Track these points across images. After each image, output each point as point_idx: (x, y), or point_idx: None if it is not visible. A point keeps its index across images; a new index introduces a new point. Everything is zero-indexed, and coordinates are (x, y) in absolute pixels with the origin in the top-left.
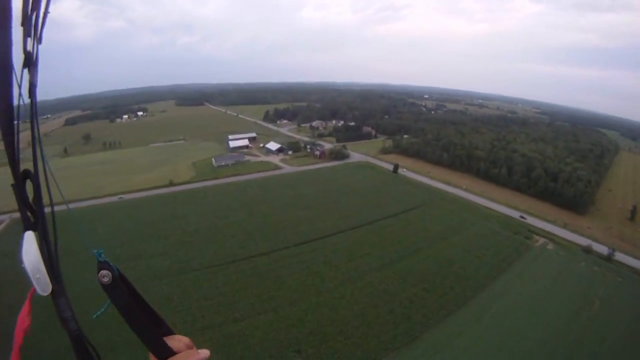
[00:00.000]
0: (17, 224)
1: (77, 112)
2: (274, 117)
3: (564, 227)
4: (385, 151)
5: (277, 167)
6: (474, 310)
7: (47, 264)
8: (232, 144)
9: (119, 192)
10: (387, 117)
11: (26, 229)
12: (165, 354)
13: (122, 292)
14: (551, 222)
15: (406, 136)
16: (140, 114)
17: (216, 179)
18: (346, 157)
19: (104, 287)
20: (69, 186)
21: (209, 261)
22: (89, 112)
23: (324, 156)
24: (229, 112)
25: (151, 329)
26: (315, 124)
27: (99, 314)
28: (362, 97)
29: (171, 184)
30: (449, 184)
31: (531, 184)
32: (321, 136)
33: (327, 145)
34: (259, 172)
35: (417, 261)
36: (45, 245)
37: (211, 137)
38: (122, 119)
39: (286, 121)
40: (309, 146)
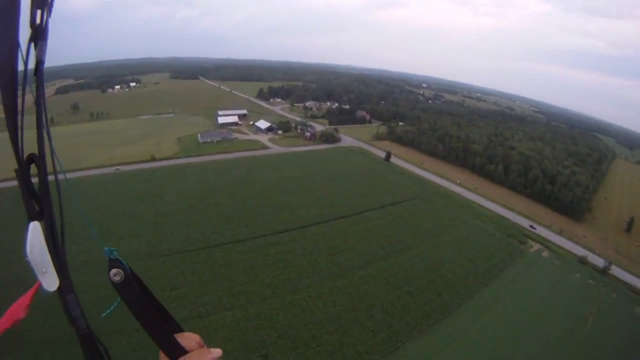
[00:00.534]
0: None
1: (70, 81)
2: (267, 95)
3: (560, 233)
4: (378, 137)
5: (264, 147)
6: (462, 320)
7: (55, 258)
8: (221, 120)
9: (100, 165)
10: (383, 102)
11: (31, 219)
12: (177, 353)
13: (134, 291)
14: (547, 226)
15: (401, 124)
16: (132, 85)
17: (200, 155)
18: (337, 140)
19: (116, 285)
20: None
21: (180, 246)
22: (82, 81)
23: (314, 138)
24: (222, 87)
25: (163, 328)
26: (308, 104)
27: (108, 312)
28: (359, 80)
29: (153, 159)
30: (442, 177)
31: (528, 185)
32: (314, 117)
33: (319, 127)
34: (245, 150)
35: (404, 260)
36: (52, 237)
37: (201, 112)
38: (113, 89)
39: (280, 100)
40: (299, 127)
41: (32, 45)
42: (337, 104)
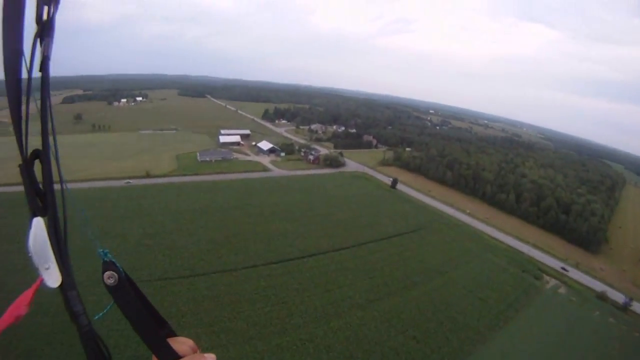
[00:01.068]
0: None
1: (78, 92)
2: (273, 116)
3: (576, 266)
4: (384, 163)
5: (265, 169)
6: None
7: (57, 254)
8: (223, 139)
9: (91, 179)
10: (390, 127)
11: (34, 214)
12: (170, 357)
13: (129, 294)
14: (562, 259)
15: (409, 149)
16: (139, 99)
17: (197, 175)
18: (341, 165)
19: (109, 288)
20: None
21: (162, 272)
22: (89, 92)
23: (317, 162)
24: (229, 106)
25: (157, 333)
26: (314, 127)
27: (101, 315)
28: (366, 105)
29: (147, 176)
30: (451, 206)
31: (540, 214)
32: (319, 140)
33: (323, 150)
34: (244, 172)
35: (409, 300)
36: (55, 233)
37: (203, 130)
38: (120, 102)
39: (285, 121)
40: (303, 149)
41: (38, 41)
42: (343, 128)
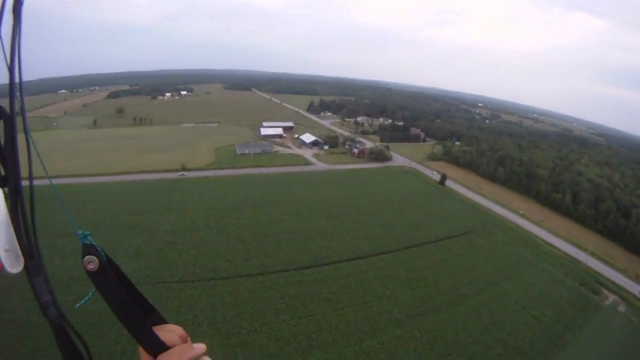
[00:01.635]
0: None
1: (125, 87)
2: (318, 108)
3: (637, 279)
4: (433, 157)
5: (306, 163)
6: None
7: (20, 233)
8: (264, 131)
9: (124, 172)
10: (438, 120)
11: None
12: (157, 348)
13: (111, 280)
14: (621, 271)
15: (458, 143)
16: (183, 93)
17: (234, 168)
18: (388, 159)
19: (90, 274)
20: (78, 160)
21: (183, 273)
22: (135, 87)
23: (362, 155)
24: (273, 99)
25: (142, 322)
26: (360, 119)
27: (82, 303)
28: (413, 97)
29: (183, 169)
30: (503, 205)
31: (599, 218)
32: (364, 133)
33: (368, 143)
34: (284, 165)
35: (455, 316)
36: (18, 207)
37: (246, 123)
38: (164, 96)
39: (330, 114)
40: (347, 142)
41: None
42: (390, 120)
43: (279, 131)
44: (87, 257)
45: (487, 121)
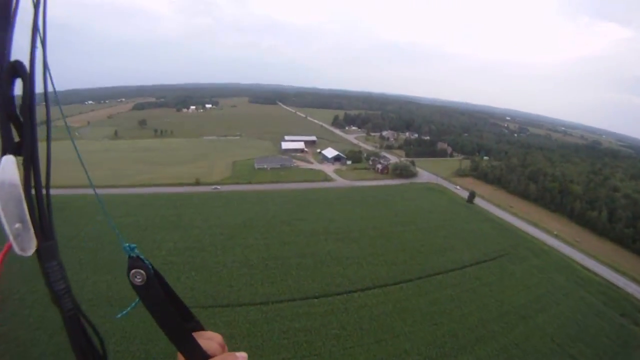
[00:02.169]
0: None
1: (151, 99)
2: (343, 122)
3: None
4: (460, 173)
5: (326, 179)
6: None
7: (32, 209)
8: (285, 145)
9: (138, 184)
10: (466, 134)
11: (5, 151)
12: (198, 357)
13: (158, 294)
14: None
15: (486, 158)
16: (208, 106)
17: (250, 184)
18: (413, 175)
19: (136, 288)
20: (94, 170)
21: None
22: (161, 99)
23: (386, 171)
24: (298, 113)
25: (184, 330)
26: (385, 134)
27: (124, 313)
28: (440, 111)
29: (197, 183)
30: (536, 225)
31: (637, 237)
32: (390, 148)
33: (393, 158)
34: (304, 181)
35: (482, 359)
36: (33, 179)
37: (268, 136)
38: (188, 109)
39: (355, 128)
40: (371, 158)
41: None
42: (416, 135)
43: (300, 145)
44: (134, 271)
45: (516, 135)
